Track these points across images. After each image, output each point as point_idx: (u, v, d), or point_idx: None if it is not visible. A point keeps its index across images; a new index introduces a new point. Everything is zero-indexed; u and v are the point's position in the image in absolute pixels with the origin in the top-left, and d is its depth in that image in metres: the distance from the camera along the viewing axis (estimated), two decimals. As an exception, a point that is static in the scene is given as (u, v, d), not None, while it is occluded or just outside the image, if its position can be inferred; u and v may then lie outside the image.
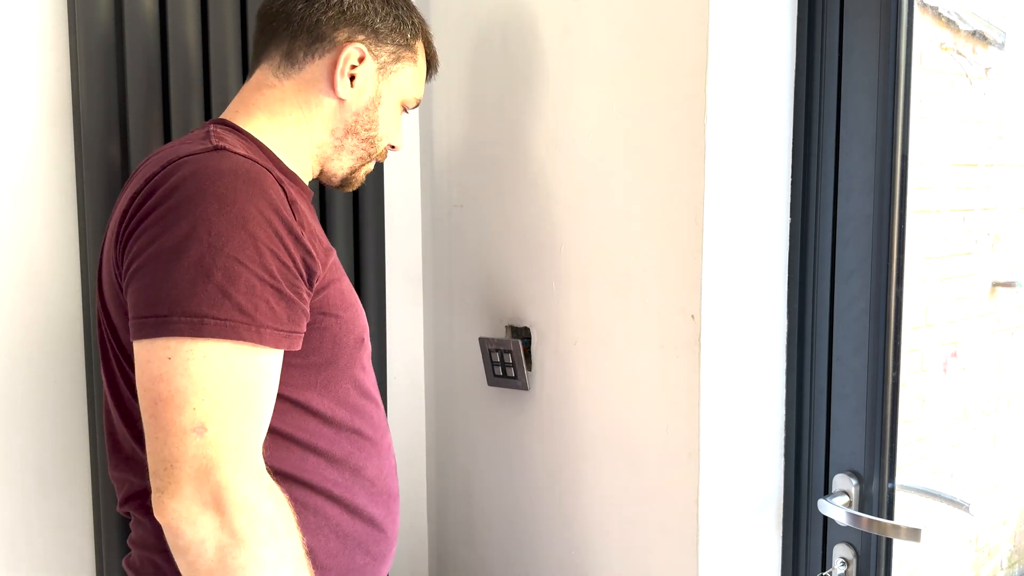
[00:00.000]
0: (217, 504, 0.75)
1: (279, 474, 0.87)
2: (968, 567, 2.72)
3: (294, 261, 0.82)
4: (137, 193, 0.83)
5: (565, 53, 1.24)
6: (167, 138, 1.26)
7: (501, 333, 1.40)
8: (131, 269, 0.81)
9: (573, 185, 1.25)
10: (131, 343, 0.83)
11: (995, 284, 2.66)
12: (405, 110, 1.07)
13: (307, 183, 1.03)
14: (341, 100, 0.99)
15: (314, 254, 0.85)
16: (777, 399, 1.18)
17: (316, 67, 0.97)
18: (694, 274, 1.08)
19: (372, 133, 1.02)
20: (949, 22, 2.36)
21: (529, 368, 1.35)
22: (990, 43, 2.48)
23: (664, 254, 1.12)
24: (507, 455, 1.42)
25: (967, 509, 1.11)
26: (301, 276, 0.83)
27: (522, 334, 1.37)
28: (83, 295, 1.25)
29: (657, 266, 1.13)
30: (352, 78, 0.98)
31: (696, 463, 1.10)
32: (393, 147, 1.08)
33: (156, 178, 0.82)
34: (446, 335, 1.56)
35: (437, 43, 1.51)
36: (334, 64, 0.97)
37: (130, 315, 0.80)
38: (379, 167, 1.48)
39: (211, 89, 1.28)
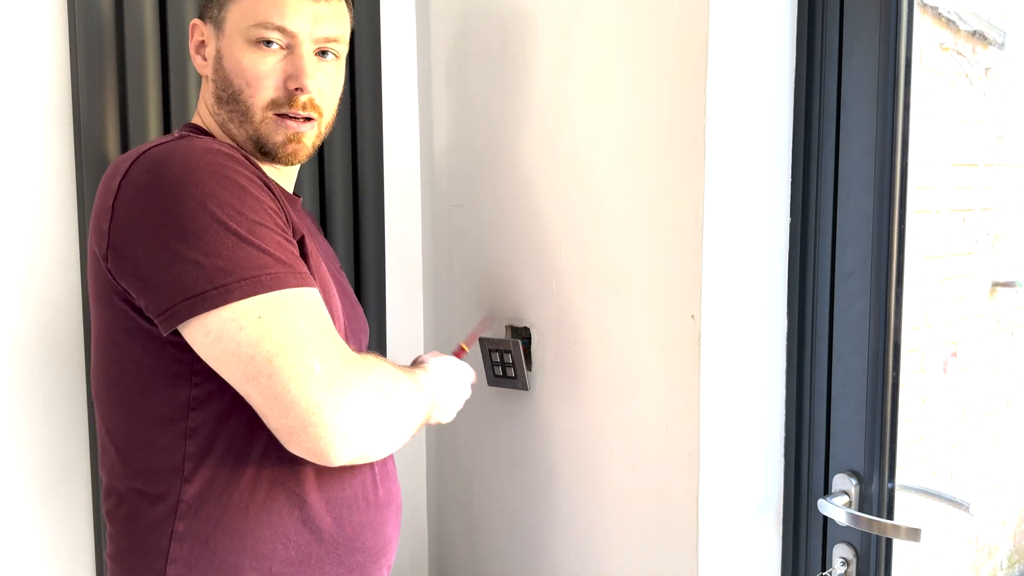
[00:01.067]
0: (358, 409, 0.83)
1: (236, 476, 0.88)
2: (968, 567, 2.72)
3: (286, 218, 0.88)
4: (116, 193, 0.83)
5: (565, 53, 1.24)
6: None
7: (501, 333, 1.40)
8: (148, 263, 0.81)
9: (573, 185, 1.25)
10: (121, 336, 0.87)
11: (995, 284, 2.66)
12: (266, 42, 0.93)
13: (274, 174, 1.02)
14: (205, 77, 0.99)
15: (291, 224, 0.89)
16: (777, 399, 1.18)
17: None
18: (694, 274, 1.08)
19: (229, 91, 0.94)
20: (949, 22, 2.36)
21: (529, 368, 1.35)
22: (990, 43, 2.48)
23: (664, 254, 1.12)
24: (507, 455, 1.42)
25: (967, 509, 1.10)
26: (293, 231, 0.89)
27: (522, 334, 1.37)
28: (83, 295, 1.25)
29: (657, 266, 1.13)
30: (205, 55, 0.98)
31: (696, 463, 1.10)
32: (298, 89, 0.94)
33: (131, 173, 0.83)
34: (446, 335, 1.56)
35: (437, 42, 1.52)
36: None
37: (166, 302, 0.81)
38: (379, 167, 1.48)
39: (211, 89, 1.28)
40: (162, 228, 0.80)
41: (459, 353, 1.21)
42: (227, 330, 0.79)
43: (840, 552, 1.14)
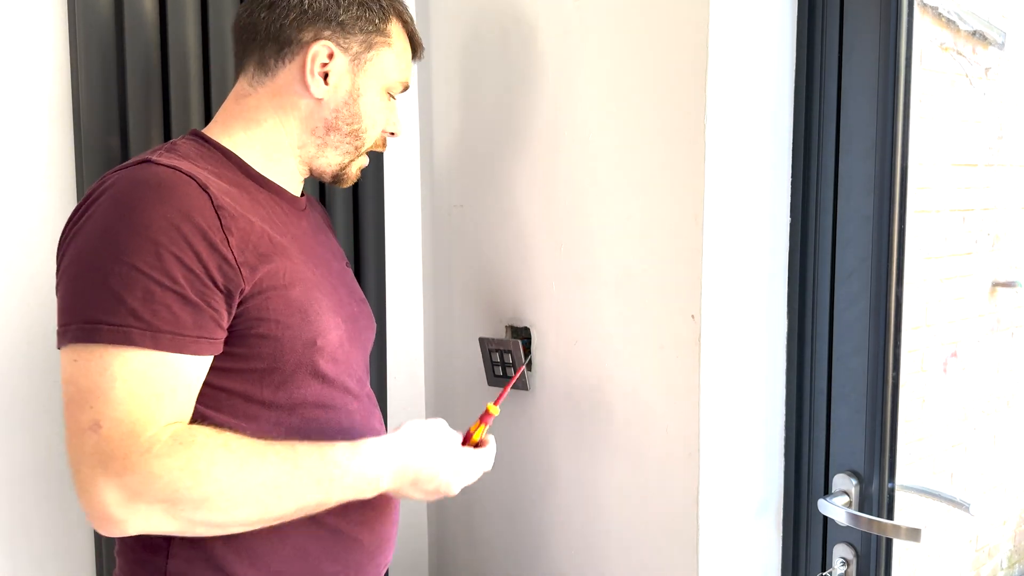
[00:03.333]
0: (129, 491, 0.77)
1: None
2: (968, 567, 2.72)
3: (205, 268, 0.82)
4: (74, 211, 0.87)
5: (565, 53, 1.24)
6: (166, 136, 1.26)
7: (501, 333, 1.40)
8: (58, 281, 0.85)
9: (573, 185, 1.25)
10: None
11: (995, 284, 2.66)
12: (392, 96, 1.05)
13: (296, 186, 1.04)
14: (318, 100, 0.98)
15: (234, 262, 0.84)
16: (777, 399, 1.18)
17: (288, 71, 0.97)
18: (694, 274, 1.08)
19: (355, 127, 1.01)
20: (949, 22, 2.36)
21: (529, 368, 1.35)
22: (990, 43, 2.48)
23: (664, 254, 1.12)
24: (507, 455, 1.42)
25: (967, 509, 1.10)
26: (215, 283, 0.83)
27: (522, 334, 1.37)
28: (83, 295, 1.25)
29: (657, 266, 1.13)
30: (325, 75, 0.98)
31: (696, 463, 1.10)
32: (392, 134, 1.07)
33: (87, 195, 0.86)
34: (446, 335, 1.56)
35: (437, 43, 1.52)
36: (303, 65, 0.97)
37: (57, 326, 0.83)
38: (379, 167, 1.48)
39: (211, 88, 1.28)
40: (70, 252, 0.82)
41: (485, 418, 1.04)
42: (61, 367, 0.80)
43: (840, 552, 1.14)
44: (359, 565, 0.98)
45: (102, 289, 0.79)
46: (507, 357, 1.35)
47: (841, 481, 1.12)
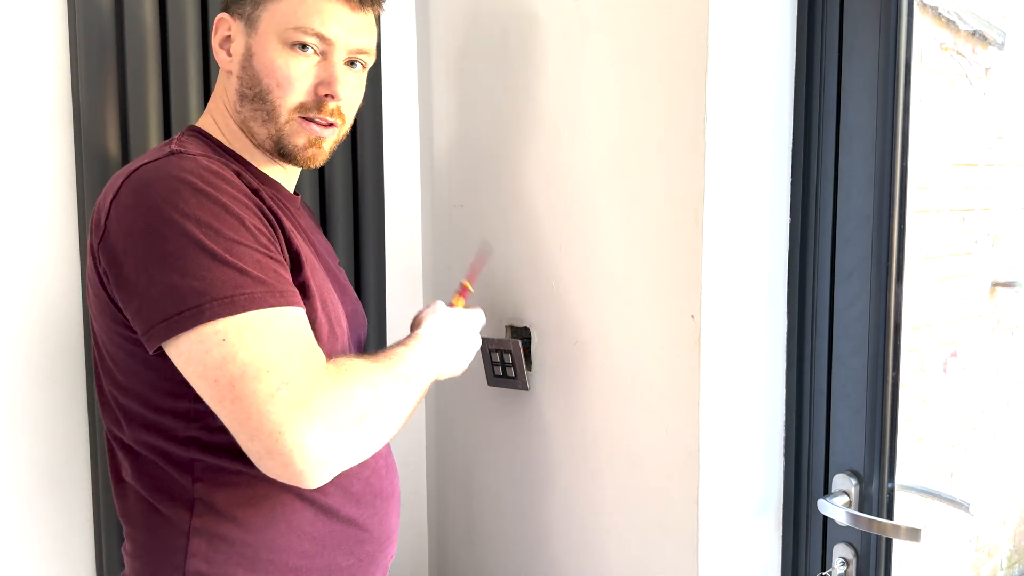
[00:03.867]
0: (334, 424, 0.79)
1: (246, 472, 0.88)
2: (968, 567, 2.72)
3: (273, 232, 0.87)
4: (107, 212, 0.85)
5: (565, 53, 1.24)
6: (166, 135, 1.26)
7: (501, 333, 1.40)
8: (132, 283, 0.82)
9: (573, 185, 1.25)
10: (119, 352, 0.88)
11: (995, 284, 2.66)
12: (302, 46, 0.94)
13: (290, 181, 1.04)
14: (228, 73, 0.98)
15: (281, 238, 0.89)
16: (777, 399, 1.18)
17: (217, 54, 0.99)
18: (694, 274, 1.08)
19: (256, 89, 0.94)
20: (949, 22, 2.36)
21: (529, 368, 1.35)
22: (990, 43, 2.48)
23: (664, 254, 1.12)
24: (507, 455, 1.42)
25: (967, 509, 1.10)
26: (279, 246, 0.88)
27: (522, 334, 1.37)
28: (83, 295, 1.25)
29: (657, 266, 1.13)
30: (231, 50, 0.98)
31: (696, 463, 1.10)
32: (328, 96, 0.95)
33: (120, 193, 0.84)
34: (446, 335, 1.56)
35: (437, 43, 1.52)
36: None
37: (147, 323, 0.81)
38: (379, 167, 1.48)
39: (210, 88, 1.28)
40: (143, 249, 0.81)
41: (463, 292, 1.18)
42: (195, 352, 0.79)
43: (840, 552, 1.14)
44: (371, 557, 0.99)
45: (218, 265, 0.79)
46: (507, 357, 1.35)
47: (841, 481, 1.12)
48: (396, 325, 1.59)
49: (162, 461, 0.90)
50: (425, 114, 1.57)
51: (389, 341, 1.56)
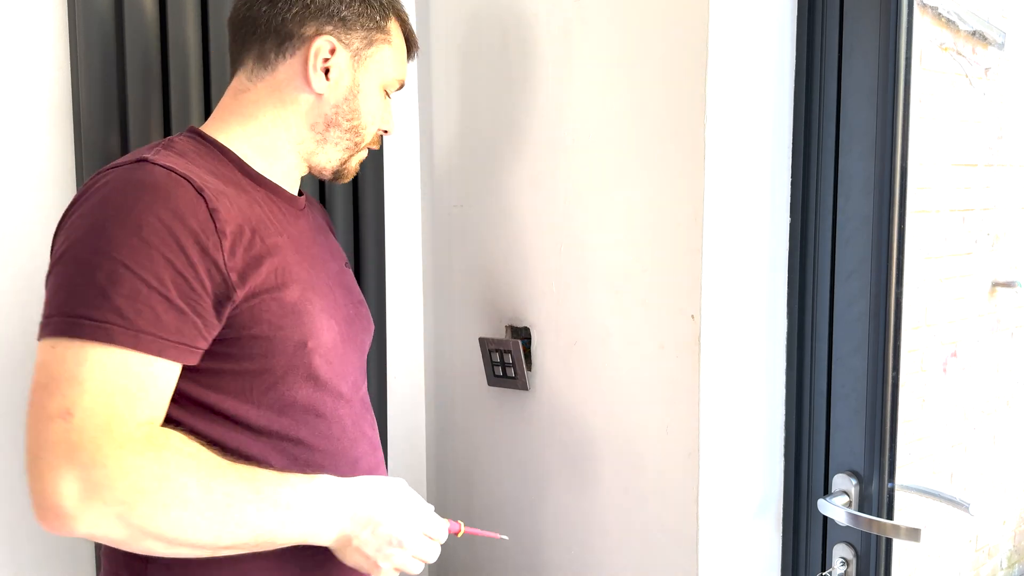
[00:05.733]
0: (90, 486, 0.74)
1: None
2: (968, 567, 2.72)
3: (196, 273, 0.81)
4: (68, 206, 0.86)
5: (565, 53, 1.24)
6: (166, 136, 1.26)
7: (501, 333, 1.40)
8: (48, 275, 0.84)
9: (573, 185, 1.25)
10: None
11: (995, 284, 2.66)
12: (388, 94, 1.05)
13: (294, 184, 1.03)
14: (318, 95, 0.98)
15: (224, 267, 0.83)
16: (777, 399, 1.18)
17: (289, 66, 0.97)
18: (694, 274, 1.08)
19: (355, 123, 1.01)
20: (949, 22, 2.36)
21: (529, 368, 1.35)
22: (990, 43, 2.48)
23: (664, 254, 1.12)
24: (507, 455, 1.42)
25: (967, 509, 1.11)
26: (204, 289, 0.82)
27: (522, 334, 1.37)
28: (83, 295, 1.25)
29: (657, 266, 1.13)
30: (327, 71, 0.97)
31: (696, 463, 1.10)
32: (386, 132, 1.07)
33: (81, 190, 0.86)
34: (446, 335, 1.56)
35: (437, 43, 1.52)
36: (306, 60, 0.96)
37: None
38: (379, 167, 1.48)
39: (211, 86, 1.28)
40: (61, 248, 0.82)
41: (452, 528, 0.98)
42: (37, 353, 0.79)
43: (840, 552, 1.14)
44: (345, 572, 0.94)
45: (89, 284, 0.78)
46: (507, 357, 1.35)
47: (841, 481, 1.12)
48: (396, 325, 1.59)
49: None
50: (425, 114, 1.57)
51: (389, 342, 1.56)
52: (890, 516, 1.10)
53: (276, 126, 0.98)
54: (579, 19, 1.21)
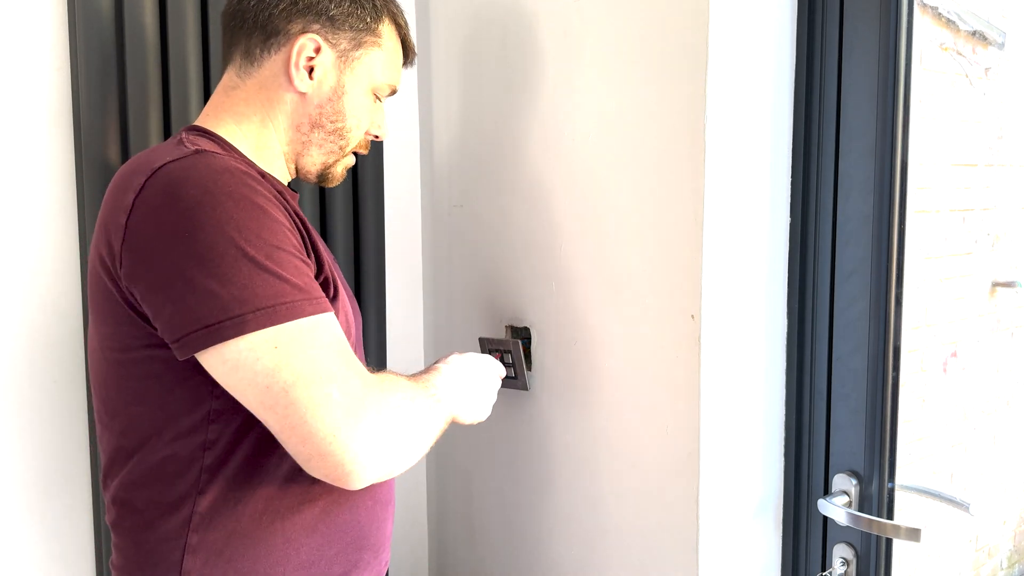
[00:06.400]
0: (379, 429, 0.82)
1: (248, 477, 0.88)
2: (968, 567, 2.72)
3: (300, 238, 0.87)
4: (129, 211, 0.81)
5: (565, 53, 1.24)
6: (166, 136, 1.26)
7: (501, 333, 1.40)
8: (164, 288, 0.79)
9: (573, 185, 1.25)
10: (122, 353, 0.86)
11: (995, 284, 2.65)
12: (379, 98, 1.03)
13: (287, 184, 1.02)
14: (301, 94, 0.96)
15: (306, 238, 0.89)
16: (777, 399, 1.18)
17: (273, 63, 0.95)
18: (694, 274, 1.08)
19: (339, 125, 0.98)
20: (949, 22, 2.36)
21: (529, 368, 1.35)
22: (990, 43, 2.48)
23: (664, 254, 1.12)
24: (507, 455, 1.42)
25: (967, 509, 1.10)
26: (308, 250, 0.89)
27: (522, 334, 1.37)
28: (83, 295, 1.25)
29: (657, 266, 1.13)
30: (311, 70, 0.96)
31: (696, 463, 1.10)
32: (376, 137, 1.05)
33: (144, 192, 0.81)
34: (446, 335, 1.56)
35: (436, 43, 1.52)
36: (289, 57, 0.95)
37: (181, 330, 0.79)
38: (379, 167, 1.48)
39: (211, 87, 1.28)
40: (178, 253, 0.78)
41: None
42: (244, 360, 0.78)
43: (840, 552, 1.14)
44: (367, 564, 0.98)
45: (259, 272, 0.78)
46: (507, 357, 1.35)
47: (841, 481, 1.12)
48: (396, 325, 1.59)
49: (169, 473, 0.87)
50: (425, 114, 1.57)
51: (389, 342, 1.56)
52: (890, 516, 1.10)
53: (266, 126, 0.97)
54: (579, 19, 1.21)
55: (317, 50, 0.95)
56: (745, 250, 1.11)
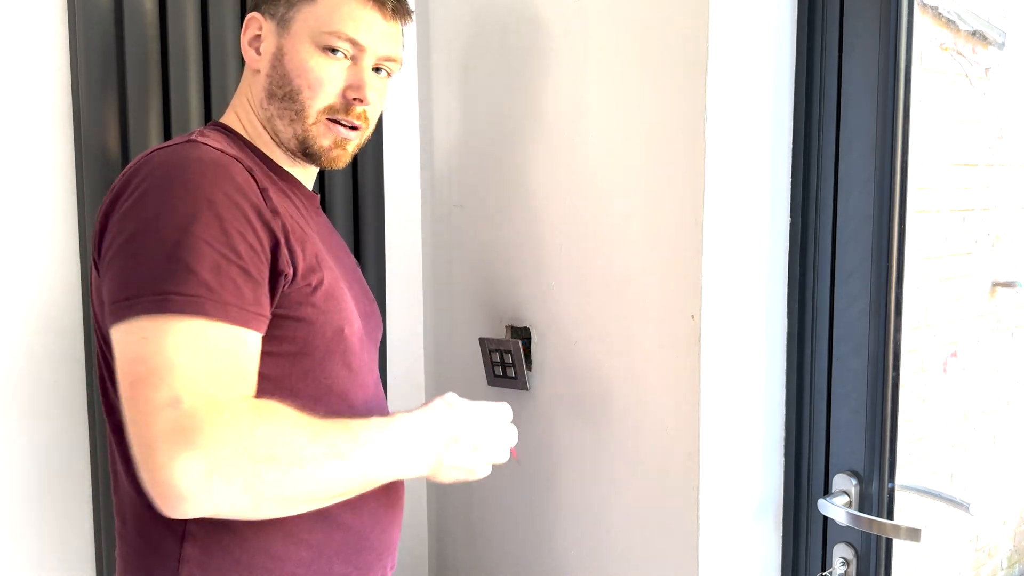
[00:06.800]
0: (213, 463, 0.73)
1: None
2: (968, 567, 2.72)
3: (262, 245, 0.83)
4: (110, 193, 0.86)
5: (565, 53, 1.24)
6: (166, 137, 1.26)
7: (501, 333, 1.40)
8: (106, 260, 0.82)
9: (573, 185, 1.25)
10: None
11: (995, 284, 2.65)
12: (333, 50, 0.95)
13: (298, 173, 1.02)
14: (256, 72, 0.98)
15: (284, 243, 0.85)
16: (777, 399, 1.18)
17: (244, 49, 1.00)
18: (694, 274, 1.08)
19: (286, 89, 0.95)
20: (949, 22, 2.36)
21: (529, 368, 1.35)
22: (990, 43, 2.48)
23: (664, 254, 1.12)
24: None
25: (967, 509, 1.10)
26: (266, 261, 0.83)
27: (522, 334, 1.37)
28: (83, 294, 1.25)
29: (657, 266, 1.13)
30: (259, 48, 0.98)
31: (696, 463, 1.10)
32: (357, 99, 0.96)
33: (128, 173, 0.85)
34: (446, 335, 1.56)
35: (437, 42, 1.52)
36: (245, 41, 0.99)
37: (107, 303, 0.80)
38: (379, 167, 1.48)
39: (211, 88, 1.28)
40: (122, 236, 0.80)
41: None
42: (119, 343, 0.77)
43: (840, 552, 1.14)
44: (369, 566, 0.98)
45: (171, 260, 0.77)
46: (507, 357, 1.35)
47: (841, 481, 1.12)
48: (396, 325, 1.59)
49: None
50: (425, 114, 1.57)
51: (389, 342, 1.56)
52: (890, 516, 1.10)
53: (250, 111, 0.99)
54: (579, 20, 1.21)
55: (260, 27, 0.98)
56: (745, 250, 1.11)
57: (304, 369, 0.91)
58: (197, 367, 0.76)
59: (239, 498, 0.76)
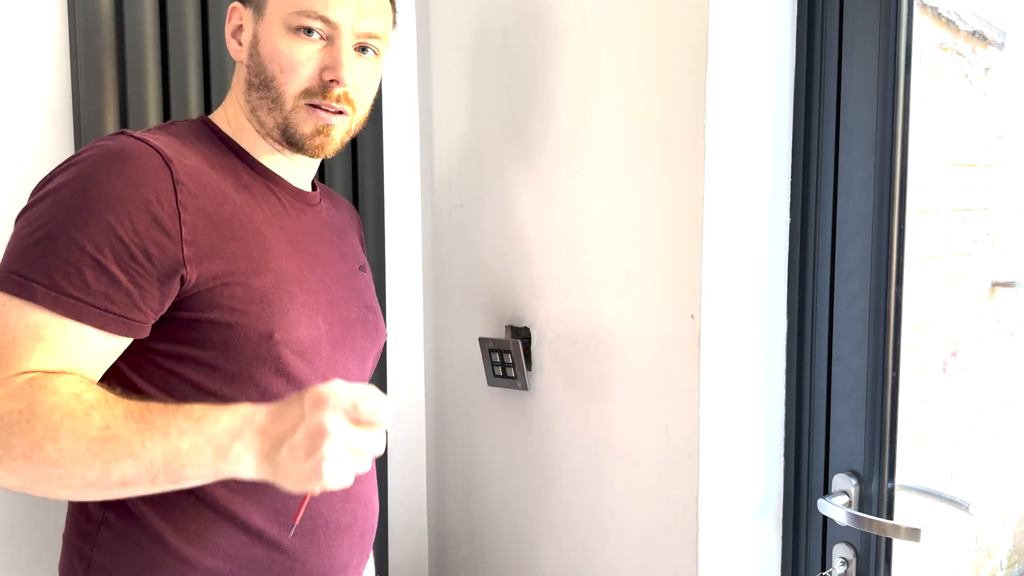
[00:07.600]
0: None
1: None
2: (968, 567, 2.72)
3: (140, 242, 0.80)
4: None
5: (565, 53, 1.24)
6: (167, 138, 1.26)
7: (501, 333, 1.40)
8: None
9: (573, 185, 1.25)
10: None
11: (995, 284, 2.65)
12: (307, 30, 0.92)
13: (296, 175, 1.00)
14: (238, 63, 0.98)
15: (179, 239, 0.81)
16: (777, 399, 1.18)
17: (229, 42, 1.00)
18: (694, 274, 1.08)
19: (263, 75, 0.93)
20: (949, 22, 2.36)
21: (529, 368, 1.35)
22: (990, 43, 2.48)
23: (664, 254, 1.12)
24: (507, 455, 1.42)
25: (967, 509, 1.11)
26: (149, 259, 0.80)
27: (522, 334, 1.37)
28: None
29: (657, 266, 1.13)
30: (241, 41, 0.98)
31: (696, 463, 1.10)
32: (335, 81, 0.92)
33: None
34: (446, 335, 1.56)
35: (437, 43, 1.52)
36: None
37: None
38: (379, 167, 1.48)
39: (210, 87, 1.28)
40: (23, 208, 0.85)
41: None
42: None
43: (840, 552, 1.14)
44: (321, 544, 0.92)
45: (29, 243, 0.79)
46: (507, 357, 1.35)
47: (841, 481, 1.12)
48: (396, 325, 1.59)
49: None
50: (425, 114, 1.57)
51: (390, 342, 1.56)
52: (890, 516, 1.10)
53: (236, 103, 0.99)
54: (579, 19, 1.21)
55: (241, 18, 0.97)
56: (745, 250, 1.11)
57: (229, 374, 0.87)
58: (2, 339, 0.76)
59: None
